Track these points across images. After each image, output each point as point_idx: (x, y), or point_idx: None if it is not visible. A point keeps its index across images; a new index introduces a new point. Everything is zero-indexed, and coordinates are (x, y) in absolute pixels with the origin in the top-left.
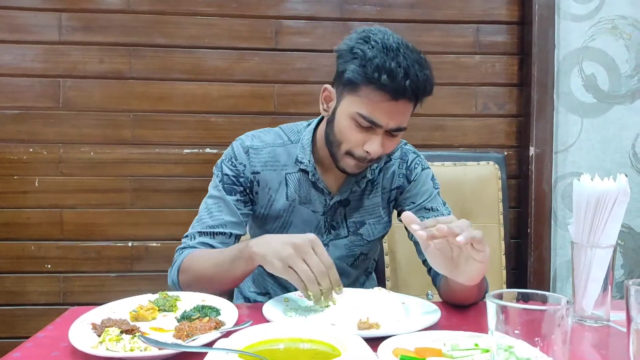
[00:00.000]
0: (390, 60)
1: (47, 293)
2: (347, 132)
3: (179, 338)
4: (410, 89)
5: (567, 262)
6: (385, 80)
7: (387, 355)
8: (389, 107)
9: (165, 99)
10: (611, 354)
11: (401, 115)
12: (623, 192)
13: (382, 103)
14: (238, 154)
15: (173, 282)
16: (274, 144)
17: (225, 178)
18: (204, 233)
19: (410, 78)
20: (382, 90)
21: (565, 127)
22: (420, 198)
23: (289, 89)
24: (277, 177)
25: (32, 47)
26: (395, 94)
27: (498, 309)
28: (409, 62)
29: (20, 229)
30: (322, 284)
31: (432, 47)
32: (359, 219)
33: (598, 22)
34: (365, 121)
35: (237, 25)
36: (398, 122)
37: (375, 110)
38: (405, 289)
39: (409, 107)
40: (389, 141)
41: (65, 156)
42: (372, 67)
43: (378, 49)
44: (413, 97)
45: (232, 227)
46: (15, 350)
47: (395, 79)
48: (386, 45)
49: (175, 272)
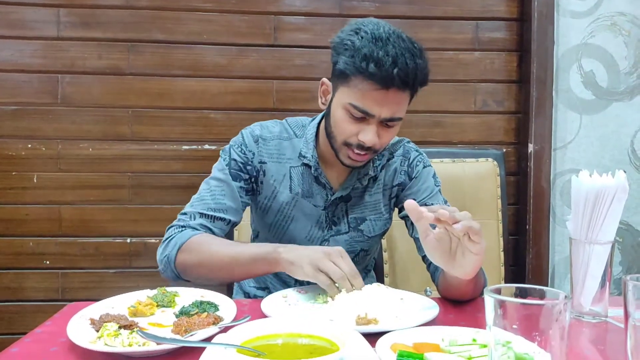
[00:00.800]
0: (378, 50)
1: (46, 289)
2: (341, 123)
3: (177, 333)
4: (398, 78)
5: (565, 259)
6: (372, 69)
7: (385, 350)
8: (379, 96)
9: (164, 95)
10: (609, 350)
11: (394, 105)
12: (622, 189)
13: (373, 92)
14: (248, 141)
15: (168, 259)
16: (281, 136)
17: (233, 163)
18: (205, 215)
19: (399, 66)
20: (371, 79)
21: (564, 124)
22: (421, 195)
23: (288, 85)
24: (282, 170)
25: (30, 43)
26: (384, 82)
27: (496, 303)
28: (397, 51)
29: (18, 225)
30: (355, 283)
31: (431, 43)
32: (360, 215)
33: (597, 19)
34: (358, 111)
35: (236, 22)
36: (391, 112)
37: (366, 99)
38: (404, 285)
39: (402, 97)
40: (385, 131)
41: (63, 152)
42: (360, 57)
43: (367, 39)
44: (404, 86)
45: (232, 213)
46: (13, 345)
47: (382, 67)
48: (375, 35)
49: (174, 249)
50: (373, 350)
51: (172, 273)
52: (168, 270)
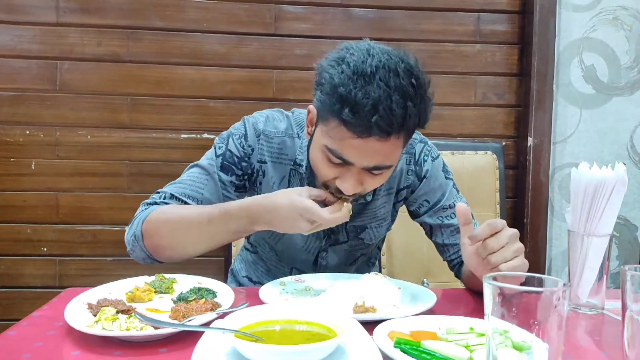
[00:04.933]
0: (357, 90)
1: (43, 276)
2: (319, 165)
3: (175, 319)
4: (377, 127)
5: (562, 253)
6: (347, 115)
7: (383, 338)
8: (358, 145)
9: (163, 83)
10: (604, 341)
11: (376, 154)
12: (621, 181)
13: (350, 140)
14: (250, 135)
15: (135, 236)
16: (286, 134)
17: (228, 154)
18: (177, 198)
19: (379, 114)
20: (345, 126)
21: (564, 118)
22: (434, 196)
23: (288, 75)
24: (281, 172)
25: (29, 29)
26: (361, 131)
27: (495, 290)
28: (382, 92)
29: (16, 212)
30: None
31: (432, 35)
32: (360, 224)
33: (599, 13)
34: (334, 157)
35: (237, 10)
36: (374, 161)
37: (344, 146)
38: (401, 277)
39: (388, 145)
40: (370, 179)
41: (62, 139)
42: (335, 97)
43: (347, 75)
44: (386, 135)
45: (206, 205)
46: (10, 328)
47: (358, 114)
48: (358, 70)
49: (139, 225)
50: (371, 338)
51: (141, 252)
52: (137, 250)
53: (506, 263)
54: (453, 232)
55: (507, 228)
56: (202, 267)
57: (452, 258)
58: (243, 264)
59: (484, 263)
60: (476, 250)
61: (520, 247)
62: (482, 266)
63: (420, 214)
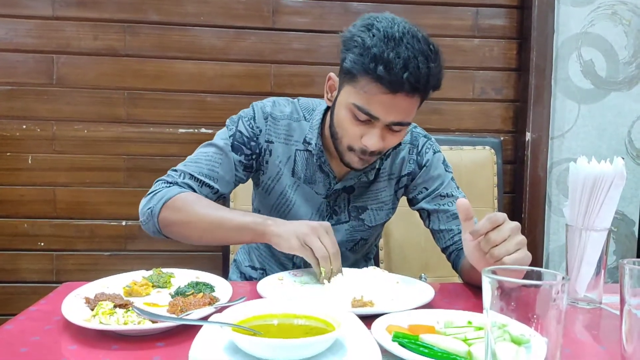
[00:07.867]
0: (389, 51)
1: (40, 271)
2: (345, 124)
3: (173, 313)
4: (408, 83)
5: (559, 248)
6: (381, 71)
7: (381, 331)
8: (386, 100)
9: (161, 77)
10: (602, 335)
11: (401, 110)
12: (619, 176)
13: (379, 95)
14: (258, 117)
15: (152, 213)
16: (292, 117)
17: (238, 135)
18: (195, 178)
19: (410, 71)
20: (379, 82)
21: (562, 112)
22: (433, 184)
23: (286, 69)
24: (287, 152)
25: (25, 22)
26: (392, 87)
27: (494, 284)
28: (410, 53)
29: (13, 207)
30: (334, 264)
31: (430, 29)
32: (362, 204)
33: (598, 8)
34: (362, 113)
35: (234, 4)
36: (398, 117)
37: (372, 102)
38: (399, 272)
39: (411, 102)
40: (391, 135)
41: (58, 133)
42: (370, 57)
43: (378, 38)
44: (413, 92)
45: (222, 184)
46: (7, 323)
47: (392, 70)
48: (388, 34)
49: (159, 203)
50: (369, 332)
51: (153, 227)
52: (150, 224)
53: (509, 256)
54: (449, 218)
55: (509, 221)
56: (200, 261)
57: (448, 244)
58: (246, 254)
59: (487, 257)
60: (478, 245)
61: (522, 240)
62: (485, 260)
63: (418, 200)
